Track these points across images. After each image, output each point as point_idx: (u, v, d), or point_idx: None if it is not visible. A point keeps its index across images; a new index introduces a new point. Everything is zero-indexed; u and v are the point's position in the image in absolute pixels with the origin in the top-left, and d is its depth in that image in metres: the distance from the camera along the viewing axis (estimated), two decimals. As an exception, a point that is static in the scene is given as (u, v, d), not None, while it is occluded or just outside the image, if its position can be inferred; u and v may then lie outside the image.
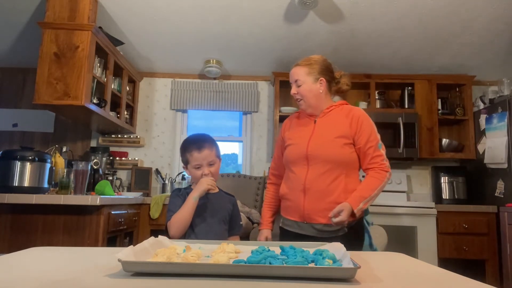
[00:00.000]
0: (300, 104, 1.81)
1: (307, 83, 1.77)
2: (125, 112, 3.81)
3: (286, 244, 1.10)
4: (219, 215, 1.70)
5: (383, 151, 1.74)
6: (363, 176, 1.77)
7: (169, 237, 1.55)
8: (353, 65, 3.84)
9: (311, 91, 1.77)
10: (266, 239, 1.86)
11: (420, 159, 3.81)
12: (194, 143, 1.69)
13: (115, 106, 3.61)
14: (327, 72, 1.82)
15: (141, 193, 3.65)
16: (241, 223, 1.83)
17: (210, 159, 1.68)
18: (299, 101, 1.80)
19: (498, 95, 3.52)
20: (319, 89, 1.78)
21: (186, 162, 1.71)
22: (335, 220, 1.57)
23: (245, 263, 0.87)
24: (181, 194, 1.68)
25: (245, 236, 1.99)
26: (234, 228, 1.77)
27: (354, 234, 1.68)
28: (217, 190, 1.68)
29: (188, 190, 1.70)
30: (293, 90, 1.80)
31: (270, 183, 1.99)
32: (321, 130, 1.76)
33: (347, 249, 0.98)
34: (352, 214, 1.60)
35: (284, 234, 1.80)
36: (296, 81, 1.78)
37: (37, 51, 2.78)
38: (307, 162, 1.72)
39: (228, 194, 1.81)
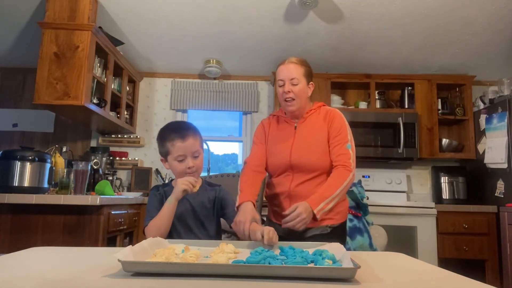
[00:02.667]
0: (291, 105, 1.70)
1: (303, 83, 1.70)
2: (125, 112, 3.81)
3: (286, 244, 1.09)
4: (202, 217, 1.53)
5: (351, 152, 1.66)
6: None
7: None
8: (353, 65, 3.84)
9: (305, 93, 1.72)
10: (253, 219, 1.42)
11: (420, 159, 3.81)
12: (176, 131, 1.48)
13: (115, 106, 3.61)
14: (312, 78, 1.78)
15: (141, 193, 3.65)
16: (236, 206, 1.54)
17: (195, 149, 1.49)
18: (290, 101, 1.69)
19: (498, 95, 3.52)
20: (309, 93, 1.75)
21: (166, 154, 1.50)
22: (286, 225, 1.43)
23: (244, 263, 0.87)
24: (158, 193, 1.54)
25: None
26: (232, 216, 1.50)
27: (337, 236, 1.66)
28: (196, 189, 1.46)
29: (166, 187, 1.56)
30: (287, 88, 1.67)
31: (251, 171, 1.71)
32: (302, 137, 1.73)
33: None
34: (314, 217, 1.47)
35: None
36: (292, 79, 1.68)
37: (37, 51, 2.78)
38: (291, 170, 1.70)
39: (212, 186, 1.61)
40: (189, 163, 1.48)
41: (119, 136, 3.97)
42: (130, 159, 3.94)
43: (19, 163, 2.32)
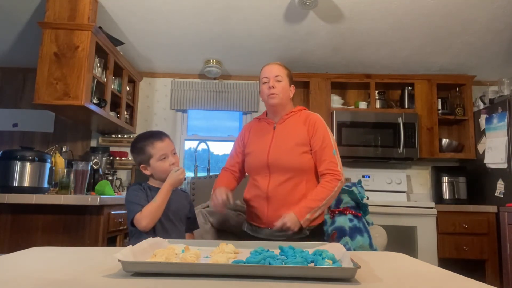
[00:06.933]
0: (273, 98, 1.76)
1: (286, 82, 1.80)
2: (125, 112, 3.81)
3: (285, 244, 1.09)
4: (180, 214, 1.67)
5: (337, 158, 1.73)
6: None
7: (137, 232, 1.53)
8: (353, 65, 3.84)
9: (286, 91, 1.80)
10: (227, 196, 1.68)
11: (420, 159, 3.81)
12: (153, 136, 1.64)
13: (115, 106, 3.61)
14: (293, 82, 1.88)
15: (141, 193, 3.64)
16: (196, 219, 1.84)
17: (172, 147, 1.65)
18: (273, 96, 1.76)
19: (498, 95, 3.52)
20: (290, 94, 1.83)
21: (148, 158, 1.62)
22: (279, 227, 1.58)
23: (244, 263, 0.87)
24: (143, 188, 1.62)
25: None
26: (193, 224, 1.78)
27: (315, 237, 1.68)
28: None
29: (147, 185, 1.65)
30: (272, 83, 1.76)
31: (225, 170, 1.92)
32: (280, 137, 1.77)
33: None
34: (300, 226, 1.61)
35: (247, 238, 1.77)
36: (276, 76, 1.78)
37: (37, 51, 2.78)
38: (268, 170, 1.73)
39: (182, 191, 1.79)
40: (171, 160, 1.63)
41: (119, 136, 3.97)
42: (130, 159, 3.94)
43: (19, 163, 2.32)
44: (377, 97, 3.89)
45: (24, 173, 2.33)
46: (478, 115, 3.62)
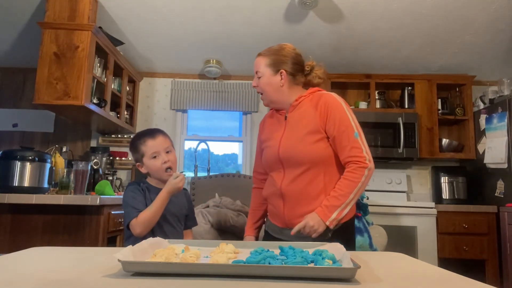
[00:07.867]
0: (262, 99, 1.67)
1: (266, 75, 1.60)
2: (125, 112, 3.82)
3: (285, 244, 1.09)
4: (179, 215, 1.66)
5: (361, 141, 1.49)
6: None
7: (133, 235, 1.52)
8: (353, 65, 3.84)
9: (270, 85, 1.60)
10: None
11: (420, 159, 3.81)
12: (146, 134, 1.63)
13: (115, 106, 3.61)
14: (292, 64, 1.62)
15: (141, 193, 3.64)
16: (195, 216, 1.83)
17: (166, 145, 1.61)
18: (261, 96, 1.66)
19: (498, 95, 3.52)
20: (280, 82, 1.59)
21: (141, 156, 1.61)
22: (305, 233, 1.44)
23: (244, 263, 0.87)
24: (141, 189, 1.59)
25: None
26: (192, 221, 1.76)
27: (340, 239, 1.37)
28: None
29: (145, 185, 1.63)
30: (254, 83, 1.66)
31: (255, 187, 1.82)
32: (291, 127, 1.59)
33: None
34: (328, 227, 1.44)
35: (267, 238, 1.69)
36: (256, 72, 1.63)
37: (37, 51, 2.78)
38: (281, 165, 1.57)
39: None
40: (164, 158, 1.59)
41: (119, 136, 3.97)
42: (130, 159, 3.94)
43: (19, 163, 2.32)
44: (377, 97, 3.89)
45: (24, 173, 2.33)
46: (478, 115, 3.62)
